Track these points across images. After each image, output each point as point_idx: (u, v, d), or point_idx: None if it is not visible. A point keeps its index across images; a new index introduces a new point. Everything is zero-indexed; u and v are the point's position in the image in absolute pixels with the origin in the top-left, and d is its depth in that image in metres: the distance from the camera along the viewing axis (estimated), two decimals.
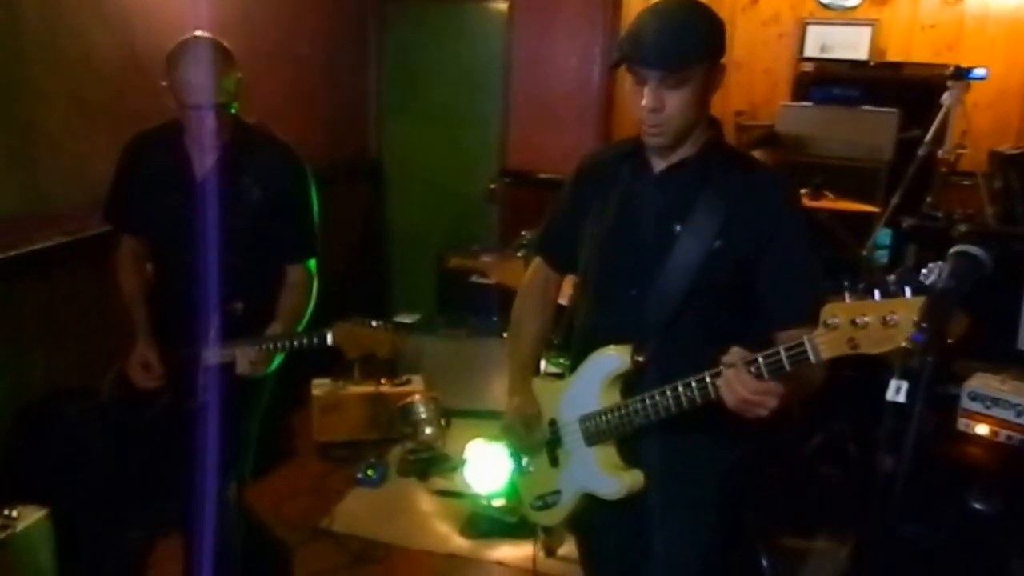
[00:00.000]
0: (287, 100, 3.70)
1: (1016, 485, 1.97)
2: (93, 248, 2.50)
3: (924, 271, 1.05)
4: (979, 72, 3.21)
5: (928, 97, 3.63)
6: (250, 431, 2.11)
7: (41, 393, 2.52)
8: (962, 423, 2.09)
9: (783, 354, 1.20)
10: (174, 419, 1.96)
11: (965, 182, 3.80)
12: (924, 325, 0.99)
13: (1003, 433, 2.03)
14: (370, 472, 3.18)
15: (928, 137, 3.31)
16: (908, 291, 1.06)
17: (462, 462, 3.03)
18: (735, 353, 1.25)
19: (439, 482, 3.19)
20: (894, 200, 3.22)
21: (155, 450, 2.11)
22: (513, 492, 2.84)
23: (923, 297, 1.04)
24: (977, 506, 1.94)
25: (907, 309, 1.06)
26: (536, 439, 1.65)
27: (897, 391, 0.97)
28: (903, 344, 1.03)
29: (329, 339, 1.81)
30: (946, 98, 3.21)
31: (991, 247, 1.06)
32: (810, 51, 4.86)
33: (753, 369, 1.23)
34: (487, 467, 2.90)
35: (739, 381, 1.24)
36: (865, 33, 4.77)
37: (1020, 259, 2.41)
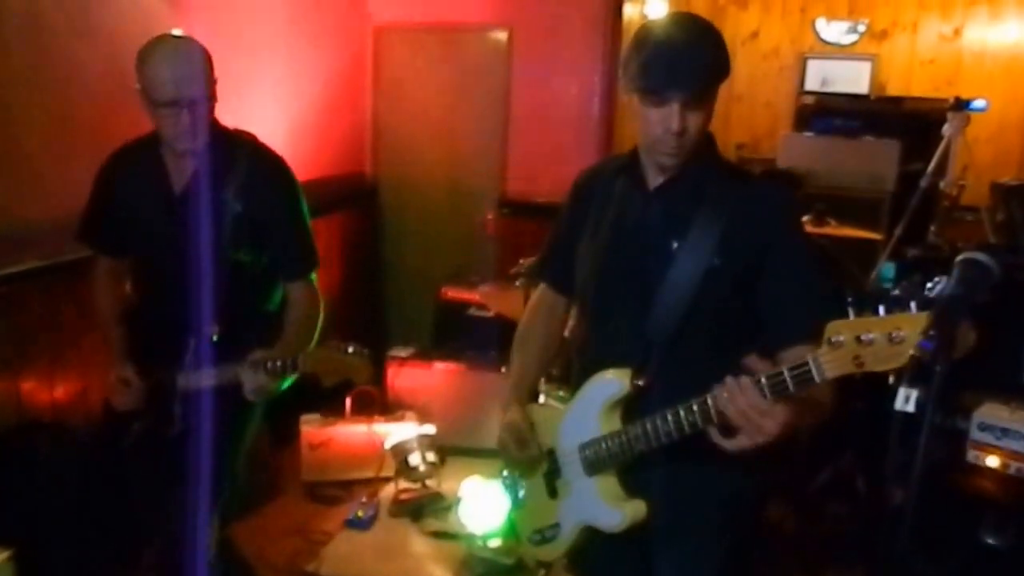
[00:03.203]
0: (282, 125, 3.76)
1: None
2: (70, 273, 2.46)
3: (929, 285, 1.07)
4: (979, 103, 3.31)
5: (929, 131, 3.72)
6: (235, 464, 2.06)
7: (11, 425, 2.46)
8: (972, 455, 2.10)
9: (787, 375, 1.20)
10: (151, 448, 1.93)
11: (968, 217, 3.87)
12: (932, 332, 1.00)
13: (1013, 465, 2.04)
14: (360, 513, 3.14)
15: (930, 168, 3.39)
16: (913, 306, 1.07)
17: (457, 501, 3.01)
18: (756, 360, 1.24)
19: (433, 523, 3.16)
20: (897, 232, 3.28)
21: (131, 483, 2.07)
22: (510, 532, 2.82)
23: (928, 312, 1.04)
24: (989, 540, 1.94)
25: (913, 324, 1.06)
26: (530, 457, 1.63)
27: (906, 400, 0.98)
28: (912, 352, 1.03)
29: (302, 365, 1.77)
30: (947, 129, 3.30)
31: (998, 256, 1.08)
32: (811, 85, 4.99)
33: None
34: (483, 506, 2.89)
35: (741, 390, 1.23)
36: (865, 68, 4.92)
37: None
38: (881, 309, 1.09)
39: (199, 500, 1.86)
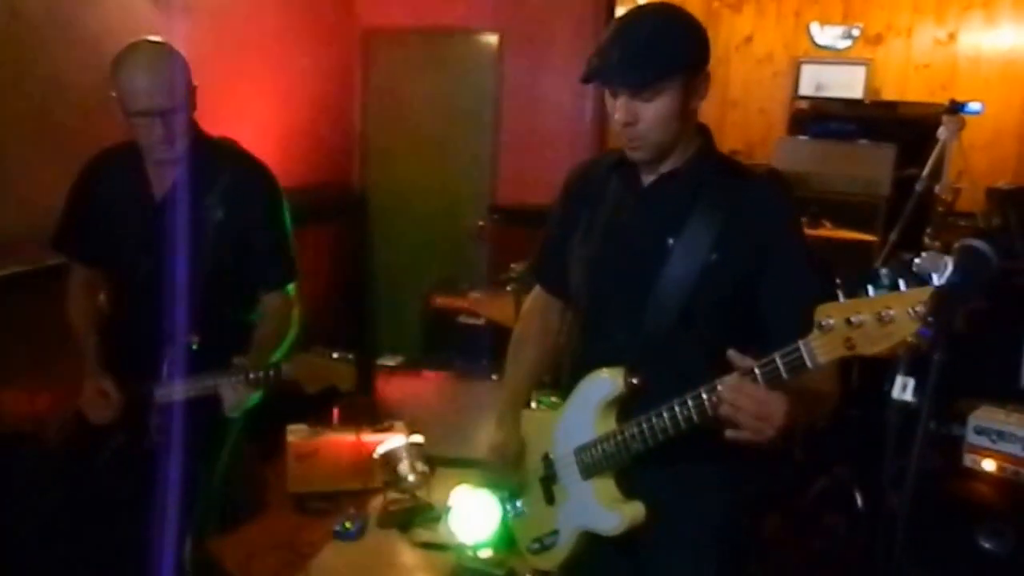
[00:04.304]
0: (268, 133, 3.77)
1: None
2: (51, 280, 2.43)
3: (917, 261, 1.09)
4: (974, 106, 3.35)
5: (924, 136, 3.76)
6: (212, 479, 2.04)
7: None
8: (968, 459, 2.11)
9: (779, 361, 1.20)
10: (128, 463, 1.91)
11: (962, 223, 3.91)
12: (931, 319, 1.01)
13: (1010, 469, 2.06)
14: (348, 524, 3.14)
15: (925, 172, 3.42)
16: (902, 284, 1.08)
17: (447, 511, 3.02)
18: (745, 359, 1.25)
19: (422, 533, 3.16)
20: (892, 237, 3.31)
21: (107, 500, 2.03)
22: (501, 542, 2.83)
23: (918, 289, 1.05)
24: (987, 546, 1.96)
25: (902, 303, 1.06)
26: (514, 480, 1.65)
27: (903, 388, 0.99)
28: (909, 339, 1.04)
29: (286, 372, 1.77)
30: (942, 132, 3.33)
31: (996, 244, 1.09)
32: (805, 90, 5.03)
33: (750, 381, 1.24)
34: (473, 515, 2.89)
35: (739, 388, 1.23)
36: (859, 73, 4.96)
37: (1021, 295, 2.49)
38: (871, 290, 1.10)
39: (174, 515, 1.84)
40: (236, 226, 1.90)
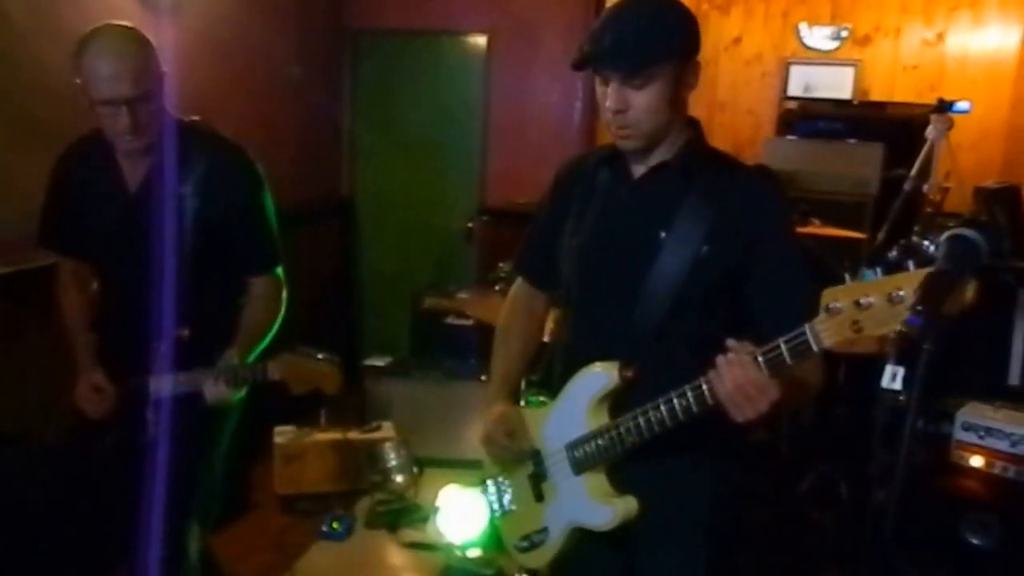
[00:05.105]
0: (255, 134, 3.74)
1: (1012, 518, 2.00)
2: (40, 279, 2.43)
3: (926, 242, 1.08)
4: (962, 105, 3.37)
5: (912, 137, 3.79)
6: (212, 472, 2.03)
7: None
8: (956, 455, 2.12)
9: (783, 347, 1.20)
10: (125, 457, 1.89)
11: (950, 223, 3.92)
12: (920, 307, 1.01)
13: (998, 464, 2.07)
14: (335, 524, 3.13)
15: (913, 172, 3.44)
16: (912, 265, 1.08)
17: (435, 511, 3.01)
18: (745, 345, 1.24)
19: (410, 534, 3.15)
20: (880, 236, 3.33)
21: (104, 496, 2.02)
22: (490, 541, 2.82)
23: (928, 268, 1.05)
24: (974, 541, 1.97)
25: (913, 283, 1.06)
26: (519, 451, 1.59)
27: (893, 377, 0.98)
28: (899, 328, 1.04)
29: (270, 373, 1.76)
30: (930, 131, 3.36)
31: (986, 232, 1.09)
32: (793, 91, 5.05)
33: None
34: (461, 516, 2.89)
35: (739, 364, 1.23)
36: (848, 73, 4.99)
37: (1009, 293, 2.50)
38: (879, 272, 1.10)
39: (174, 509, 1.83)
40: (215, 213, 1.85)
